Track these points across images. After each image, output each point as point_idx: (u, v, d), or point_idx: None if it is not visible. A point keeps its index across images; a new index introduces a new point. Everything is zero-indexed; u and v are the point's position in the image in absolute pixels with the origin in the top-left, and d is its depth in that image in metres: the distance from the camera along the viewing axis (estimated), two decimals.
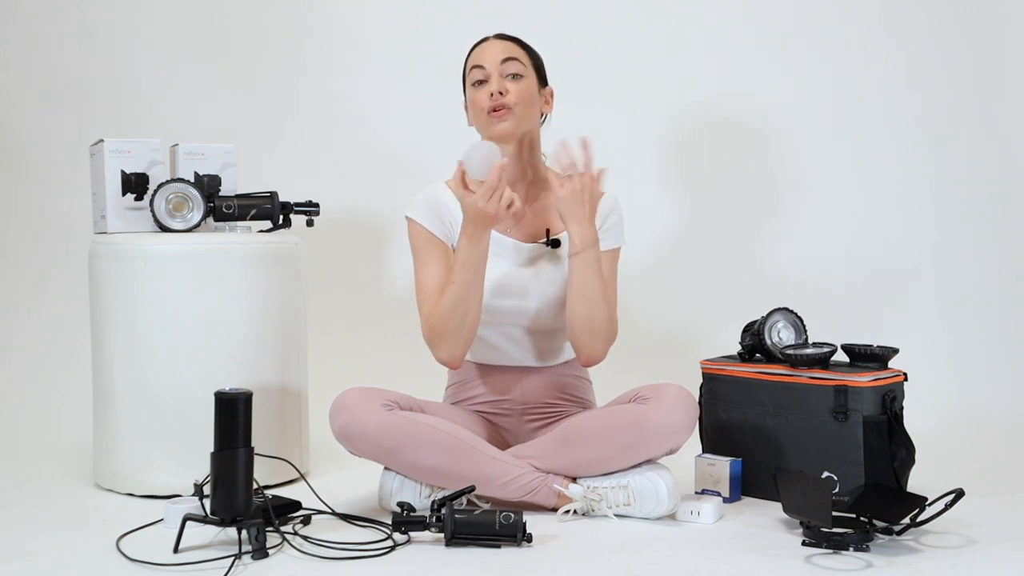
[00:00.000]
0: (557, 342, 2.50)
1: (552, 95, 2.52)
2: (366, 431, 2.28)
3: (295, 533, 2.19)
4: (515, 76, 2.42)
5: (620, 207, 2.52)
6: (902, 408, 2.44)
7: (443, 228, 2.46)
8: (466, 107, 2.51)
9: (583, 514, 2.31)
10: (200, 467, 2.26)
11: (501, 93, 2.39)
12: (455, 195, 2.43)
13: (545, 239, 2.45)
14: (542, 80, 2.50)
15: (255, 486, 2.12)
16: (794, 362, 2.48)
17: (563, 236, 2.44)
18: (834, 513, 2.08)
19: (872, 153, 3.48)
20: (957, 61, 3.42)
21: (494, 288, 2.40)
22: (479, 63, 2.43)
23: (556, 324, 2.45)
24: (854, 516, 2.12)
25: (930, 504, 2.13)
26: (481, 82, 2.43)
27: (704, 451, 2.60)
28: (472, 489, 2.22)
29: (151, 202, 2.60)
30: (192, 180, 2.68)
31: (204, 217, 2.64)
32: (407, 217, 2.47)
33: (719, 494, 2.44)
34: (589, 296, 2.34)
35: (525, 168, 2.48)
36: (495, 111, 2.40)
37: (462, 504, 2.23)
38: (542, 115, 2.52)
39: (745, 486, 2.50)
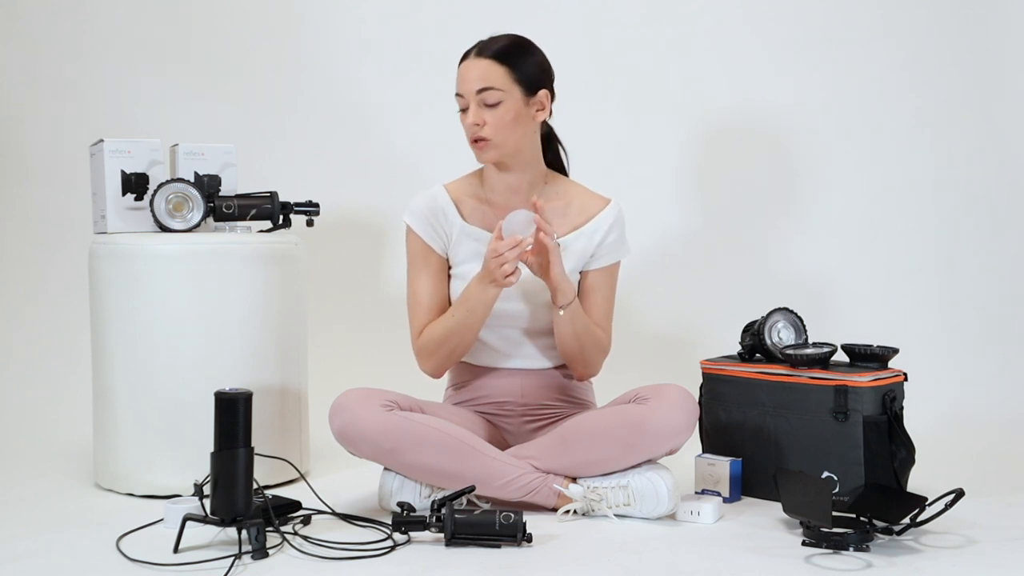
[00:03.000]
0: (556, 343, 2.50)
1: (547, 98, 2.42)
2: (365, 432, 2.28)
3: (295, 533, 2.19)
4: (493, 104, 2.36)
5: (623, 217, 2.50)
6: (902, 408, 2.44)
7: (437, 238, 2.46)
8: None
9: (583, 514, 2.31)
10: (200, 467, 2.25)
11: (478, 125, 2.37)
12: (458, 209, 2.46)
13: None
14: (530, 89, 2.39)
15: (255, 486, 2.12)
16: (794, 362, 2.47)
17: (562, 240, 2.43)
18: (834, 513, 2.08)
19: (872, 153, 3.48)
20: (958, 61, 3.42)
21: None
22: (458, 91, 2.40)
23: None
24: (854, 516, 2.12)
25: (930, 504, 2.13)
26: (463, 109, 2.41)
27: (704, 451, 2.60)
28: (472, 489, 2.22)
29: (151, 202, 2.60)
30: (192, 180, 2.68)
31: (204, 217, 2.64)
32: (405, 221, 2.48)
33: (719, 494, 2.44)
34: (580, 340, 2.41)
35: (524, 173, 2.46)
36: (475, 143, 2.39)
37: (462, 504, 2.23)
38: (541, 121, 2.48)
39: (745, 486, 2.50)
